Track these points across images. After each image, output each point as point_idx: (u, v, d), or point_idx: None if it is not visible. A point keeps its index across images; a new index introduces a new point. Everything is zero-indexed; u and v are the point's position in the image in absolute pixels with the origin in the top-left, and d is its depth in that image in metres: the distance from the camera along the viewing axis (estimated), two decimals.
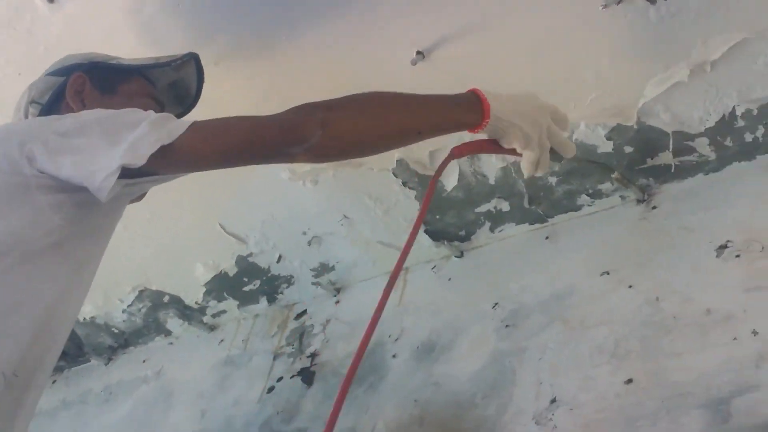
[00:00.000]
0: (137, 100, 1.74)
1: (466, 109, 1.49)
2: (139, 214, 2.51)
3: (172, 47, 2.17)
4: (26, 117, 1.71)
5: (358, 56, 2.09)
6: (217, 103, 2.27)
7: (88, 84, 1.71)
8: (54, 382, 3.22)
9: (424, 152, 2.22)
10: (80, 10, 2.15)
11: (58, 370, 3.24)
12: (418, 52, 2.03)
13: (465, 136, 1.63)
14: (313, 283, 2.67)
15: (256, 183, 2.42)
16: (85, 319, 3.02)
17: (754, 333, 1.65)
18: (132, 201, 1.67)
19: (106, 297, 2.91)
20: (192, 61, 1.88)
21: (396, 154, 2.25)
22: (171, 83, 1.90)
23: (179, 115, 1.91)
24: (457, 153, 1.62)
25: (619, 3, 1.84)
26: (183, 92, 1.92)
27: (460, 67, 2.05)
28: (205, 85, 2.23)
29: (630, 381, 1.74)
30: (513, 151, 1.55)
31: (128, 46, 2.21)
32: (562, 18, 1.92)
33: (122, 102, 1.70)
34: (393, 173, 2.29)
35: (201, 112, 2.28)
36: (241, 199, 2.45)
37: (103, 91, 1.73)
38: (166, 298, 2.89)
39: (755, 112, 1.94)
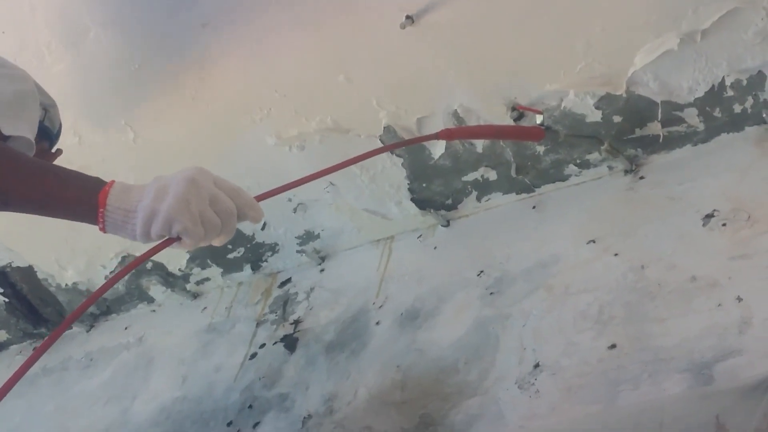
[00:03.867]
0: None
1: (82, 194, 1.26)
2: (122, 178, 2.47)
3: (159, 6, 2.16)
4: None
5: (347, 19, 2.07)
6: (205, 65, 2.26)
7: None
8: (34, 349, 3.17)
9: (412, 118, 2.21)
10: None
11: (39, 336, 3.21)
12: (408, 17, 2.02)
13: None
14: (297, 251, 2.66)
15: (242, 149, 2.40)
16: (67, 285, 2.99)
17: (738, 299, 1.66)
18: None
19: (89, 262, 2.88)
20: None
21: (383, 120, 2.23)
22: None
23: None
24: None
25: None
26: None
27: (450, 33, 2.04)
28: (193, 47, 2.23)
29: (613, 346, 1.74)
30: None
31: (113, 5, 2.19)
32: None
33: None
34: (380, 140, 2.27)
35: (191, 74, 2.28)
36: (226, 164, 2.42)
37: None
38: (149, 265, 2.86)
39: (744, 82, 1.93)
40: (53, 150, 1.82)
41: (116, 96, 2.38)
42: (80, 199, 1.25)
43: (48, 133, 1.80)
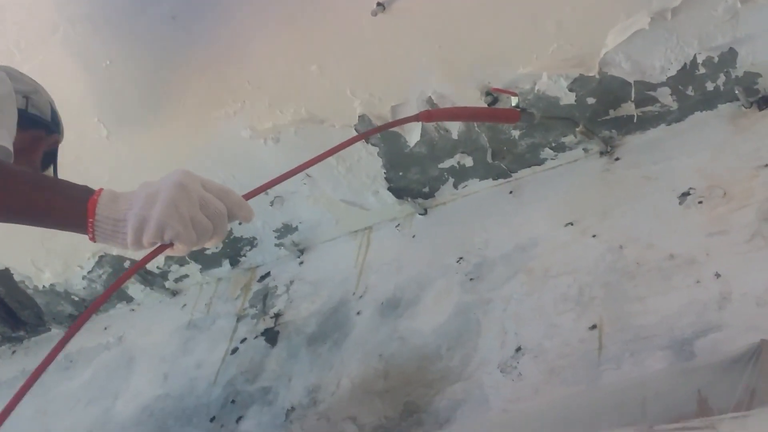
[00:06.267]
0: None
1: (70, 204, 1.25)
2: (97, 175, 2.45)
3: (128, 0, 2.14)
4: None
5: (318, 8, 2.06)
6: (174, 57, 2.24)
7: None
8: (14, 352, 3.16)
9: (386, 106, 2.20)
10: None
11: (18, 340, 3.18)
12: (379, 4, 2.01)
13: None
14: (276, 245, 2.64)
15: (216, 142, 2.39)
16: (44, 286, 2.96)
17: (717, 275, 1.67)
18: None
19: (66, 264, 2.86)
20: None
21: (358, 109, 2.22)
22: None
23: None
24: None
25: None
26: None
27: (421, 19, 2.03)
28: (161, 39, 2.21)
29: (594, 327, 1.75)
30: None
31: (82, 1, 2.17)
32: None
33: None
34: (355, 129, 2.26)
35: (163, 69, 2.26)
36: (201, 159, 2.41)
37: None
38: (126, 264, 2.83)
39: (716, 60, 1.94)
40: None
41: (88, 93, 2.36)
42: (68, 210, 1.25)
43: (38, 120, 1.79)
